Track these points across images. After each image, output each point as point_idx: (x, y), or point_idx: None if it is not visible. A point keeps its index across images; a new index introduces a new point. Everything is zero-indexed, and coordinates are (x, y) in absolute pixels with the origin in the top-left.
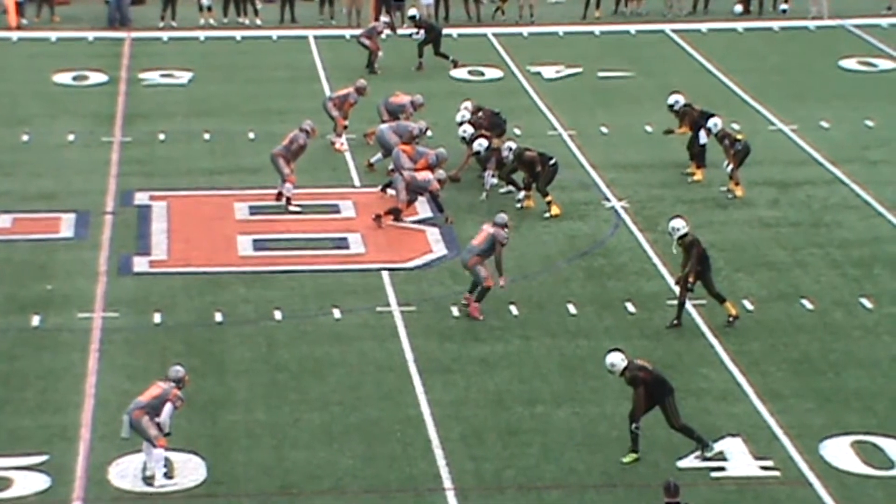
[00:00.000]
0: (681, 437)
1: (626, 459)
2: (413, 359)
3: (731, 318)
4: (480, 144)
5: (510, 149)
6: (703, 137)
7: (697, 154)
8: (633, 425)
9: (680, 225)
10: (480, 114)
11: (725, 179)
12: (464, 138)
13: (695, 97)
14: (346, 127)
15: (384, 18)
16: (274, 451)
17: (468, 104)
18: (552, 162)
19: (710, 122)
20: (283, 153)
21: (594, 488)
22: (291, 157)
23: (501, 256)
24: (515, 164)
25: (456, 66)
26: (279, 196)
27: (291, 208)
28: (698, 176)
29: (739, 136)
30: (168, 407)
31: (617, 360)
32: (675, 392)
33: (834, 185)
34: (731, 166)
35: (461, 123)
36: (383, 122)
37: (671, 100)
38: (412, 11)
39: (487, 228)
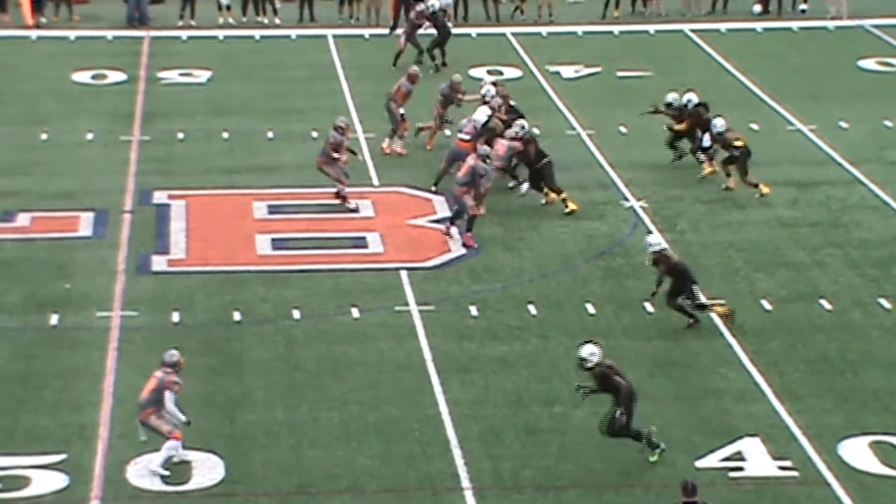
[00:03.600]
0: (700, 437)
1: (652, 458)
2: (431, 358)
3: (727, 316)
4: (488, 94)
5: (522, 126)
6: (706, 140)
7: (701, 152)
8: (644, 432)
9: (654, 241)
10: (503, 101)
11: (736, 177)
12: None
13: (714, 97)
14: (402, 119)
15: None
16: (292, 450)
17: (492, 88)
18: (546, 160)
19: (714, 122)
20: (322, 158)
21: (612, 488)
22: (329, 159)
23: (481, 187)
24: (518, 143)
25: (438, 70)
26: (336, 195)
27: (348, 205)
28: (709, 169)
29: (738, 143)
30: (168, 396)
31: (594, 351)
32: (636, 399)
33: (853, 185)
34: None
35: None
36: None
37: (685, 98)
38: (434, 3)
39: (469, 161)
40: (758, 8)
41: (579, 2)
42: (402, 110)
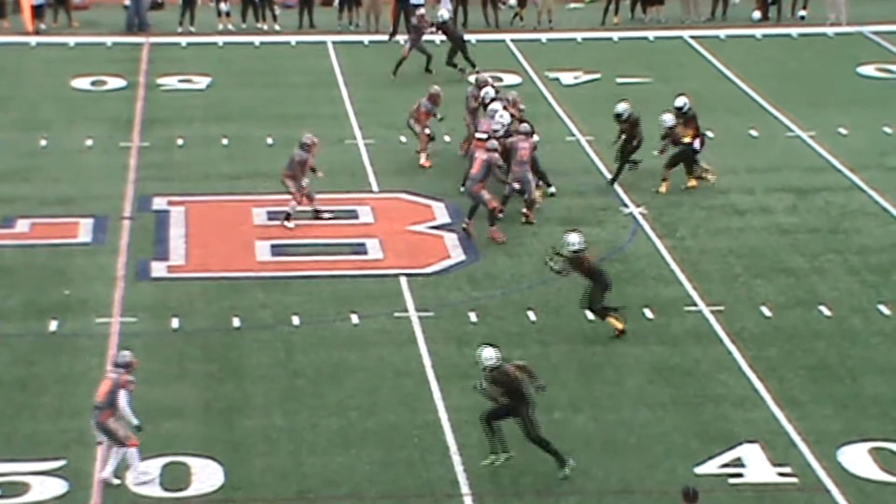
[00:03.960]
0: (699, 443)
1: (485, 462)
2: (431, 364)
3: (621, 332)
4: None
5: (503, 125)
6: (696, 144)
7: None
8: (491, 424)
9: (573, 241)
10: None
11: (735, 183)
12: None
13: (713, 103)
14: (430, 138)
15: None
16: (291, 456)
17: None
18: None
19: (663, 117)
20: (287, 172)
21: (612, 494)
22: (296, 174)
23: (499, 173)
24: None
25: (464, 73)
26: (287, 216)
27: (287, 224)
28: (692, 182)
29: (686, 140)
30: (122, 395)
31: (492, 355)
32: (532, 406)
33: (852, 191)
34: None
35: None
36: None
37: (679, 102)
38: (443, 14)
39: (481, 156)
40: (757, 14)
41: (579, 8)
42: (427, 130)
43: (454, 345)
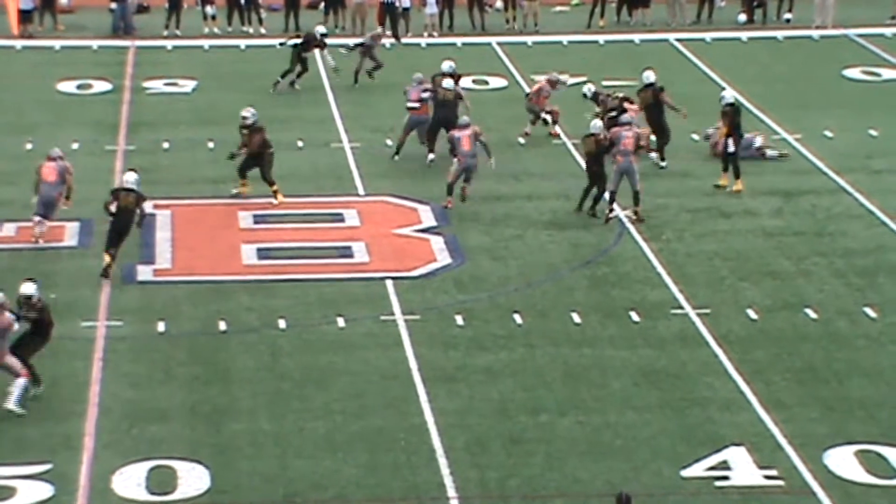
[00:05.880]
0: (685, 446)
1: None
2: (417, 367)
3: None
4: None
5: (253, 114)
6: (730, 145)
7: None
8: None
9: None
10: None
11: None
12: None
13: (699, 106)
14: (550, 112)
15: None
16: (278, 459)
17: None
18: (270, 151)
19: (588, 86)
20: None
21: (598, 497)
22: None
23: (486, 141)
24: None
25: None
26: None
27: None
28: (735, 185)
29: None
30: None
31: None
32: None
33: (838, 194)
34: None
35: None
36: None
37: (727, 96)
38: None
39: (465, 133)
40: (743, 17)
41: (564, 11)
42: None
43: (440, 348)
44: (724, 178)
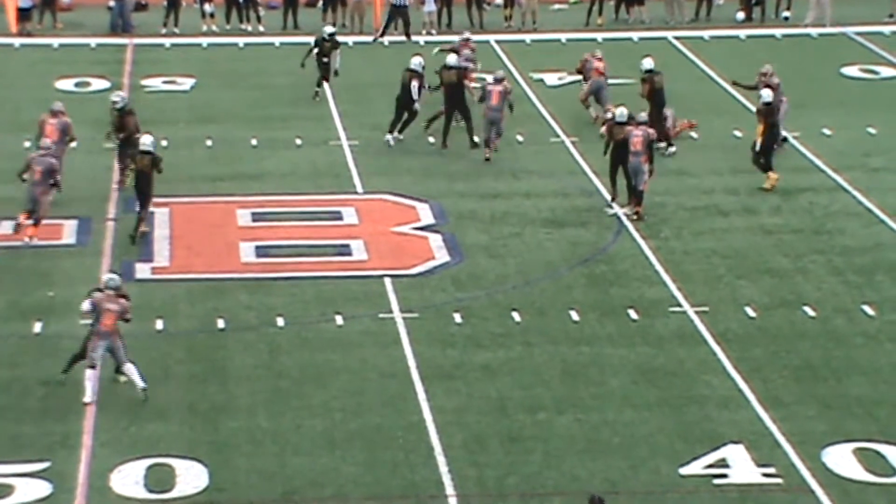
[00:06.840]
0: (683, 444)
1: None
2: (415, 365)
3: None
4: None
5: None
6: (757, 144)
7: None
8: None
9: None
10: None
11: (719, 184)
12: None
13: (697, 104)
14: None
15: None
16: (276, 457)
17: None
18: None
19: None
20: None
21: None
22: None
23: (512, 100)
24: None
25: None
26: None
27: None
28: (768, 181)
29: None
30: None
31: None
32: None
33: (836, 192)
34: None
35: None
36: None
37: (765, 95)
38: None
39: (496, 88)
40: (741, 15)
41: (563, 9)
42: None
43: (438, 346)
44: (770, 177)
